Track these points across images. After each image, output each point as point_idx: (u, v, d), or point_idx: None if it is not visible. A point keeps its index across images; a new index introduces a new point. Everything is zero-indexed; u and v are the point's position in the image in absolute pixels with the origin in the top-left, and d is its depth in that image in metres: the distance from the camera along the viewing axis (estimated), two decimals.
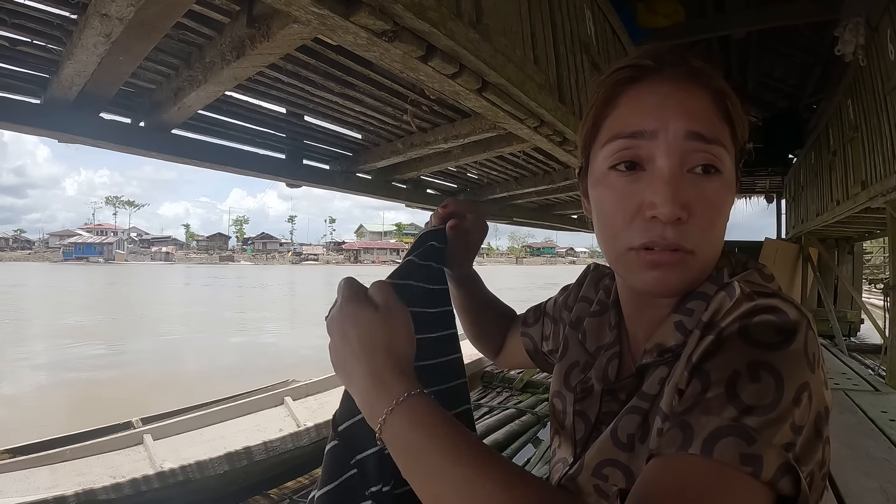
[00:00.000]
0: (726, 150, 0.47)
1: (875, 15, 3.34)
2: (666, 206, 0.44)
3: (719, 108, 0.47)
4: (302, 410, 4.79)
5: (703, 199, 0.45)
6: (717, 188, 0.46)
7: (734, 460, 0.34)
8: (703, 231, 0.46)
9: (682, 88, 0.47)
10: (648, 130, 0.46)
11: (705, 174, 0.46)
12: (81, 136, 1.74)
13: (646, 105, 0.47)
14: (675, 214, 0.44)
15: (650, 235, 0.45)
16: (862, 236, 7.59)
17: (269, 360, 10.01)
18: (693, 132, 0.45)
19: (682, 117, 0.45)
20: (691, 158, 0.46)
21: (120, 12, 1.12)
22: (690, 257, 0.46)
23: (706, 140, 0.45)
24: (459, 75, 1.49)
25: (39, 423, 4.40)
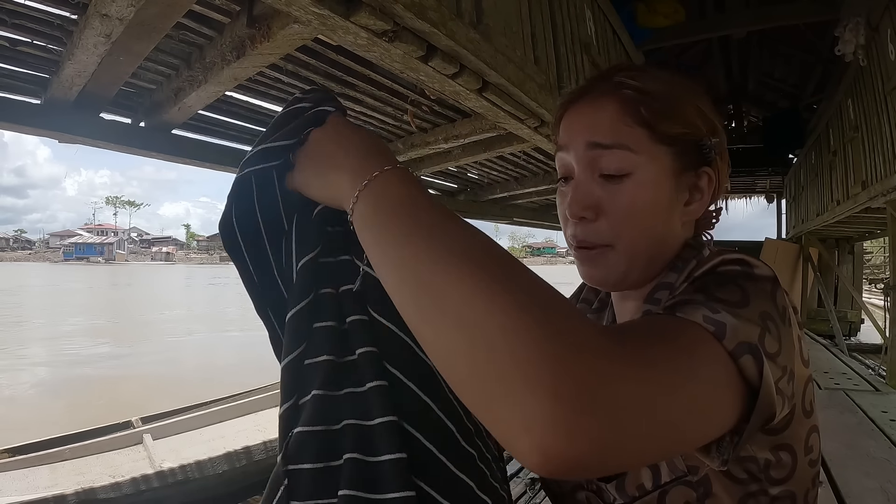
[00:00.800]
0: (633, 151, 0.51)
1: (875, 15, 3.34)
2: (571, 207, 0.52)
3: (629, 113, 0.51)
4: None
5: (613, 198, 0.51)
6: (626, 188, 0.50)
7: (698, 318, 0.36)
8: (616, 227, 0.51)
9: (592, 104, 0.53)
10: (564, 145, 0.54)
11: (615, 176, 0.51)
12: (82, 137, 1.75)
13: (565, 127, 0.55)
14: (578, 214, 0.52)
15: (572, 231, 0.54)
16: (862, 236, 7.59)
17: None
18: (591, 143, 0.52)
19: (584, 131, 0.52)
20: (598, 164, 0.52)
21: (120, 12, 1.12)
22: (609, 251, 0.52)
23: (605, 146, 0.51)
24: (460, 75, 1.49)
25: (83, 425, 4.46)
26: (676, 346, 0.34)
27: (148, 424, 4.04)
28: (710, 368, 0.34)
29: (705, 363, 0.34)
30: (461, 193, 4.07)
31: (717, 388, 0.34)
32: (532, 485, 3.19)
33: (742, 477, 0.45)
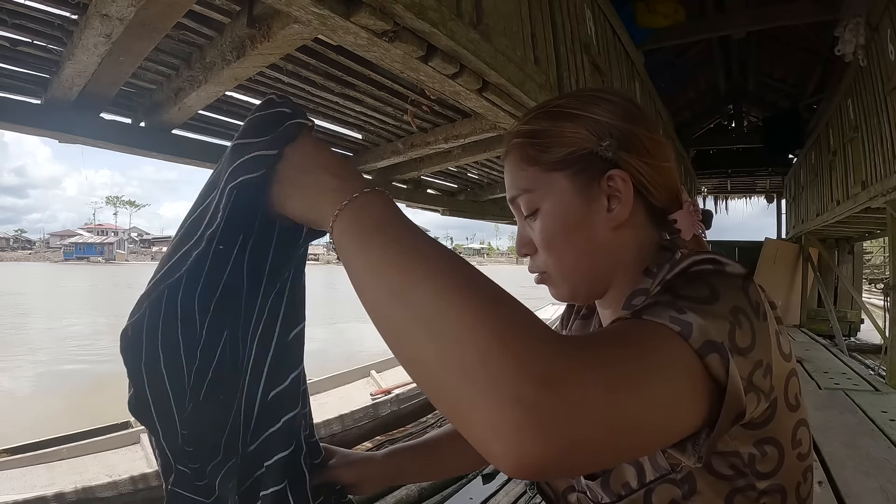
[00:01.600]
0: (531, 191, 0.56)
1: (875, 15, 3.34)
2: (516, 247, 0.61)
3: (522, 158, 0.57)
4: None
5: (534, 235, 0.57)
6: (539, 223, 0.56)
7: (664, 319, 0.37)
8: (547, 256, 0.56)
9: (505, 162, 0.60)
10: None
11: (531, 216, 0.57)
12: (82, 137, 1.74)
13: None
14: (521, 252, 0.60)
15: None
16: (862, 236, 7.58)
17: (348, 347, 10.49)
18: (510, 198, 0.59)
19: (507, 189, 0.60)
20: (521, 210, 0.58)
21: (120, 12, 1.12)
22: (548, 276, 0.58)
23: (513, 198, 0.58)
24: (460, 75, 1.49)
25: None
26: (640, 347, 0.35)
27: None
28: (674, 368, 0.35)
29: (668, 362, 0.35)
30: (461, 193, 4.07)
31: (681, 386, 0.35)
32: (532, 485, 3.19)
33: (727, 473, 0.45)
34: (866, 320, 6.77)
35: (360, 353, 9.72)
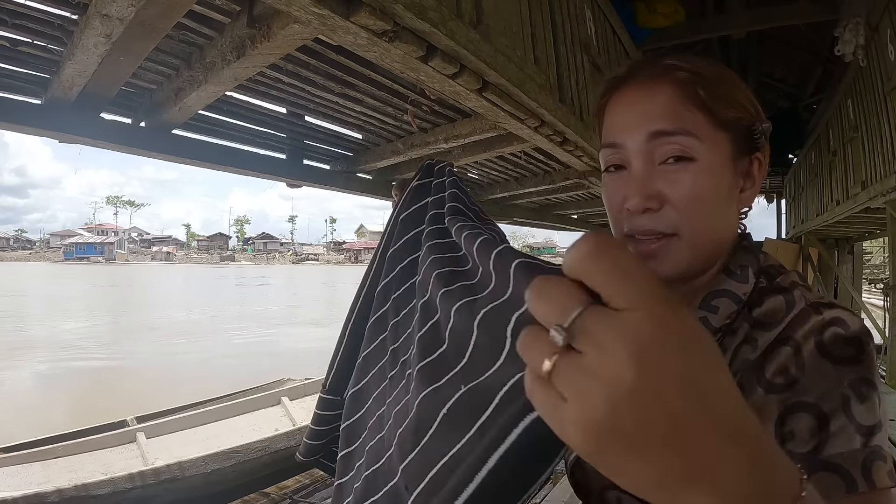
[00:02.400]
0: (697, 137, 0.49)
1: (875, 15, 3.34)
2: (633, 198, 0.50)
3: (688, 97, 0.49)
4: (299, 411, 4.76)
5: (677, 187, 0.49)
6: (690, 175, 0.49)
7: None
8: (682, 214, 0.49)
9: (644, 91, 0.51)
10: (619, 141, 0.52)
11: (677, 163, 0.49)
12: (82, 137, 1.75)
13: (616, 115, 0.53)
14: (642, 206, 0.50)
15: (630, 225, 0.52)
16: (862, 236, 7.58)
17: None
18: (654, 132, 0.49)
19: (643, 120, 0.50)
20: (660, 152, 0.50)
21: (120, 13, 1.12)
22: (676, 240, 0.50)
23: (669, 133, 0.49)
24: (460, 75, 1.49)
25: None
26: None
27: (142, 423, 4.06)
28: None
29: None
30: None
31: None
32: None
33: None
34: (866, 320, 6.77)
35: None
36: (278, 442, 3.86)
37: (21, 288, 26.28)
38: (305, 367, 6.23)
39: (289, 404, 4.78)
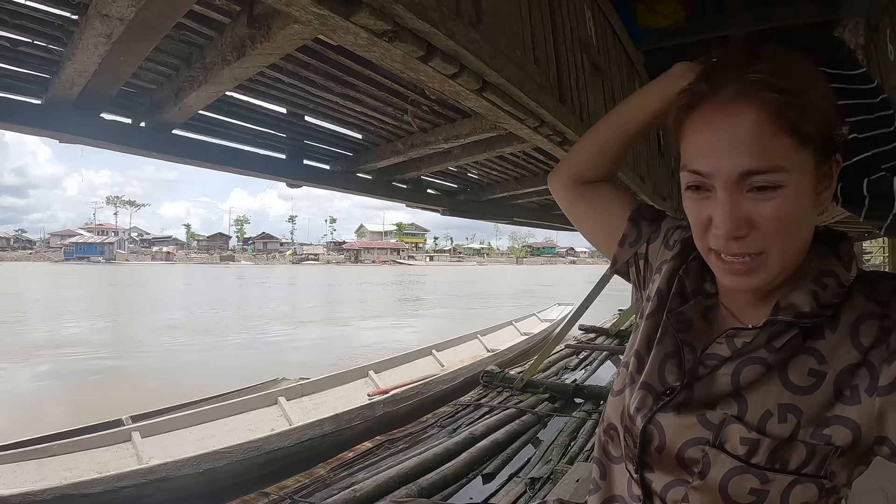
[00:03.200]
0: (786, 169, 0.48)
1: (875, 15, 3.34)
2: (722, 228, 0.51)
3: (774, 122, 0.48)
4: (296, 411, 4.75)
5: (764, 213, 0.50)
6: (777, 202, 0.49)
7: None
8: (769, 238, 0.51)
9: (729, 114, 0.49)
10: (705, 172, 0.51)
11: (764, 191, 0.49)
12: (82, 137, 1.75)
13: (698, 140, 0.52)
14: (732, 235, 0.51)
15: (718, 246, 0.53)
16: (862, 236, 7.59)
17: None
18: (743, 172, 0.49)
19: (731, 155, 0.49)
20: (748, 183, 0.50)
21: (121, 13, 1.13)
22: (764, 258, 0.52)
23: (758, 172, 0.48)
24: (460, 75, 1.49)
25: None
26: None
27: (137, 423, 4.06)
28: None
29: None
30: (461, 193, 4.07)
31: None
32: (532, 484, 3.19)
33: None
34: None
35: (363, 350, 9.76)
36: (271, 442, 3.85)
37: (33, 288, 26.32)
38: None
39: (285, 404, 4.76)
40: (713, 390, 0.56)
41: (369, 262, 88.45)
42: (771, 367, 0.54)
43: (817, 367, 0.52)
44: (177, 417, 4.22)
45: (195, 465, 3.42)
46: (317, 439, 4.12)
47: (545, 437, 4.13)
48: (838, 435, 0.50)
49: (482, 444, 3.78)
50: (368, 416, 4.57)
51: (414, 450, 3.69)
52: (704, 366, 0.58)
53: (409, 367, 6.42)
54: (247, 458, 3.65)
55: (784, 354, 0.54)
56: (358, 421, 4.47)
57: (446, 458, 3.50)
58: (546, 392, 5.06)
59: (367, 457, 3.60)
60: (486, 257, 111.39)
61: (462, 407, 4.74)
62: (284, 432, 4.02)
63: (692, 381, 0.58)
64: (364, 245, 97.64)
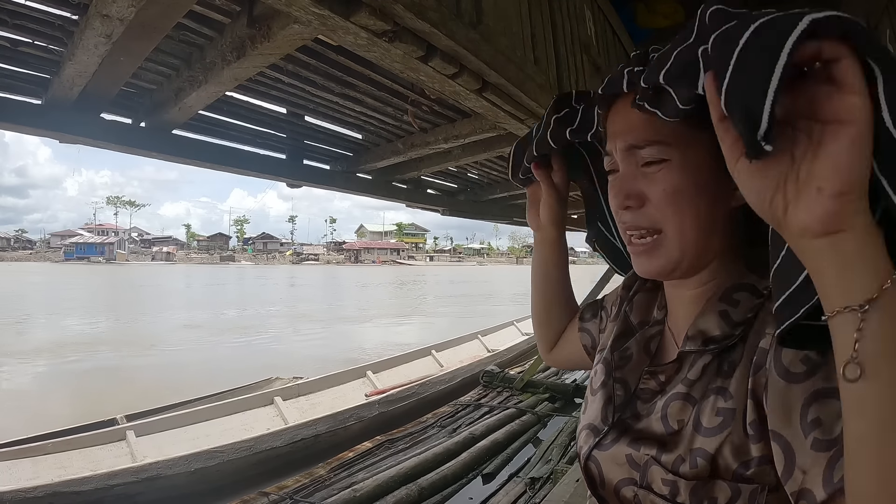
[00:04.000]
0: (667, 144, 0.52)
1: (874, 15, 3.34)
2: (615, 199, 0.56)
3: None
4: (292, 411, 4.73)
5: (655, 185, 0.53)
6: (663, 174, 0.52)
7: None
8: (663, 210, 0.52)
9: (627, 104, 0.54)
10: (608, 150, 0.58)
11: (655, 164, 0.53)
12: (82, 137, 1.75)
13: (608, 127, 0.58)
14: (623, 204, 0.55)
15: (619, 222, 0.57)
16: None
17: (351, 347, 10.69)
18: (628, 146, 0.54)
19: (622, 133, 0.55)
20: (638, 158, 0.54)
21: (121, 13, 1.13)
22: (662, 237, 0.53)
23: (639, 147, 0.53)
24: (460, 76, 1.49)
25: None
26: None
27: (133, 422, 4.07)
28: None
29: None
30: (461, 193, 4.08)
31: None
32: (532, 484, 3.20)
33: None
34: None
35: (365, 350, 9.78)
36: (264, 442, 3.84)
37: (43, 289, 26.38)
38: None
39: (281, 404, 4.75)
40: (643, 428, 0.55)
41: (369, 262, 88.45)
42: (691, 401, 0.52)
43: (724, 406, 0.49)
44: (172, 417, 4.22)
45: (186, 463, 3.42)
46: (310, 439, 4.10)
47: (545, 436, 4.13)
48: (761, 474, 0.46)
49: (482, 444, 3.78)
50: (363, 416, 4.55)
51: (414, 450, 3.69)
52: (641, 400, 0.58)
53: (408, 368, 6.40)
54: (239, 458, 3.64)
55: (702, 386, 0.52)
56: (352, 421, 4.45)
57: (446, 458, 3.50)
58: (546, 392, 5.06)
59: (367, 457, 3.61)
60: (486, 257, 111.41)
61: (462, 407, 4.74)
62: (277, 432, 4.00)
63: (627, 418, 0.58)
64: (364, 245, 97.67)
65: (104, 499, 3.06)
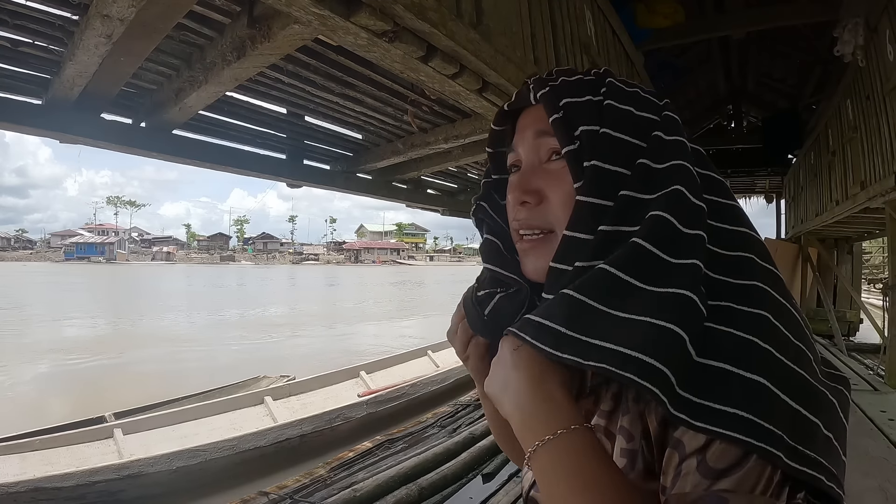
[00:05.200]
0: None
1: (874, 16, 3.34)
2: (512, 193, 0.53)
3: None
4: (283, 411, 4.69)
5: (555, 182, 0.50)
6: (566, 172, 0.49)
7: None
8: (557, 209, 0.50)
9: (539, 109, 0.54)
10: (513, 144, 0.56)
11: (558, 160, 0.50)
12: (83, 137, 1.75)
13: (518, 125, 0.56)
14: (519, 199, 0.52)
15: (513, 219, 0.53)
16: (861, 236, 7.59)
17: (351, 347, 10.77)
18: (539, 131, 0.52)
19: (532, 125, 0.53)
20: (543, 150, 0.52)
21: (121, 13, 1.13)
22: (553, 237, 0.50)
23: (550, 133, 0.51)
24: (460, 76, 1.50)
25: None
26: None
27: (120, 420, 4.06)
28: None
29: None
30: (461, 193, 4.08)
31: None
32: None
33: None
34: (865, 320, 6.78)
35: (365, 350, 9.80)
36: (247, 441, 3.80)
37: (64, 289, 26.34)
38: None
39: (272, 404, 4.70)
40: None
41: (369, 262, 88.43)
42: (611, 437, 0.49)
43: (626, 447, 0.46)
44: (160, 415, 4.20)
45: (168, 461, 3.41)
46: (295, 439, 4.06)
47: None
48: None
49: (482, 443, 3.78)
50: (351, 416, 4.48)
51: (414, 450, 3.69)
52: None
53: (402, 368, 6.31)
54: (222, 457, 3.62)
55: (616, 418, 0.49)
56: (339, 422, 4.38)
57: (446, 458, 3.50)
58: None
59: (367, 456, 3.60)
60: None
61: (462, 407, 4.74)
62: (261, 431, 3.96)
63: None
64: (364, 245, 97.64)
65: (86, 495, 3.07)
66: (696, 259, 0.42)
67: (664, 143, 0.47)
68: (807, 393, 0.39)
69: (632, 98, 0.50)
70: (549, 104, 0.51)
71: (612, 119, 0.48)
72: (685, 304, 0.39)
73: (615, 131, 0.47)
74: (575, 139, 0.48)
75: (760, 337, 0.39)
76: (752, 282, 0.43)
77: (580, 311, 0.42)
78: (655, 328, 0.38)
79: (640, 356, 0.37)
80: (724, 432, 0.36)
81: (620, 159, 0.47)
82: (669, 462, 0.39)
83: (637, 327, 0.39)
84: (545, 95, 0.51)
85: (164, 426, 4.13)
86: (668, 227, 0.43)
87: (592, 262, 0.44)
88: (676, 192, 0.44)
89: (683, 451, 0.38)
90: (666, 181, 0.45)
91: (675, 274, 0.41)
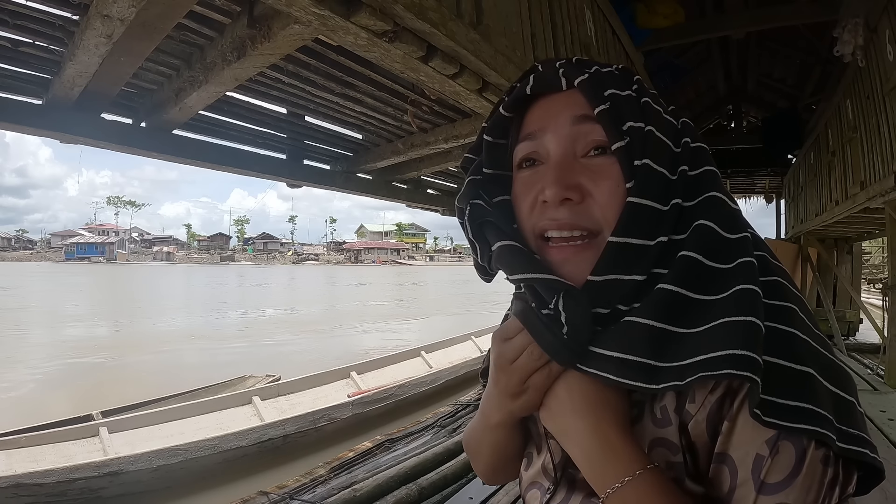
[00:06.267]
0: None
1: (874, 16, 3.34)
2: (551, 188, 0.45)
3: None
4: (271, 411, 4.65)
5: (599, 177, 0.45)
6: (612, 166, 0.45)
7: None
8: (605, 209, 0.44)
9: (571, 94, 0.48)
10: (531, 132, 0.49)
11: (600, 155, 0.45)
12: (83, 137, 1.75)
13: (535, 110, 0.50)
14: (560, 196, 0.44)
15: (544, 219, 0.46)
16: (861, 236, 7.59)
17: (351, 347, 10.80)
18: (579, 116, 0.46)
19: (566, 109, 0.47)
20: (583, 142, 0.46)
21: (121, 13, 1.13)
22: (600, 240, 0.44)
23: (594, 119, 0.45)
24: (460, 76, 1.50)
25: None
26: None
27: (107, 418, 4.06)
28: None
29: None
30: None
31: None
32: None
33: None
34: (865, 320, 6.78)
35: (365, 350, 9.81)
36: (229, 441, 3.78)
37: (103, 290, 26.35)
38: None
39: (259, 404, 4.67)
40: (581, 488, 0.49)
41: (369, 262, 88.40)
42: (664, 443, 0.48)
43: (672, 460, 0.45)
44: (147, 414, 4.19)
45: (149, 460, 3.41)
46: (278, 440, 4.03)
47: None
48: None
49: None
50: (336, 417, 4.45)
51: (414, 450, 3.69)
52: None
53: (394, 369, 6.22)
54: (203, 456, 3.61)
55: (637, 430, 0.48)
56: (324, 422, 4.35)
57: (446, 457, 3.50)
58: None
59: (367, 456, 3.60)
60: None
61: (462, 406, 4.74)
62: (243, 431, 3.94)
63: (571, 470, 0.51)
64: (364, 245, 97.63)
65: (67, 491, 3.09)
66: (748, 257, 0.43)
67: (692, 149, 0.47)
68: (840, 376, 0.41)
69: (657, 100, 0.48)
70: (591, 92, 0.46)
71: (654, 118, 0.45)
72: (754, 298, 0.40)
73: (657, 131, 0.45)
74: (624, 135, 0.44)
75: (799, 329, 0.41)
76: (772, 277, 0.44)
77: (661, 339, 0.41)
78: (734, 324, 0.39)
79: (730, 352, 0.38)
80: (789, 425, 0.37)
81: (665, 162, 0.44)
82: (720, 479, 0.41)
83: (717, 332, 0.40)
84: (586, 82, 0.46)
85: (151, 425, 4.12)
86: (716, 237, 0.43)
87: (653, 273, 0.44)
88: (715, 198, 0.45)
89: (734, 467, 0.40)
90: (703, 187, 0.45)
91: (733, 276, 0.42)
